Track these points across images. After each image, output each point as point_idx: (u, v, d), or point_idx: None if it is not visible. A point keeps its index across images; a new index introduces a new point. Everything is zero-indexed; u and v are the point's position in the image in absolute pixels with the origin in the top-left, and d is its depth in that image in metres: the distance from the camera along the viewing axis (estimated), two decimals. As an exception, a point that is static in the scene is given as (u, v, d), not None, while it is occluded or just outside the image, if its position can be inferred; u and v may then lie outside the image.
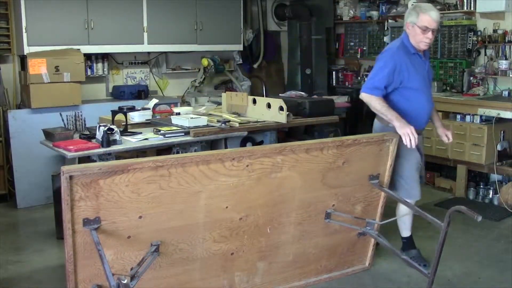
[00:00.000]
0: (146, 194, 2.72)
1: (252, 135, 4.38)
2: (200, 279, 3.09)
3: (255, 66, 7.20)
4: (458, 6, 5.76)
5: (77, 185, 2.54)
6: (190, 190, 2.83)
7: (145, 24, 5.94)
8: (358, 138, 3.33)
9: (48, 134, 3.92)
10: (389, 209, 3.78)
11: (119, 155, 3.76)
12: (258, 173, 3.01)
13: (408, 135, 3.29)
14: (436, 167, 5.85)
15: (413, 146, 3.33)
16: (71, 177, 2.51)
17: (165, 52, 6.49)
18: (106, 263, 2.51)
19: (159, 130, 3.91)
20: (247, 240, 3.14)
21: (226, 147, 4.20)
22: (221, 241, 3.06)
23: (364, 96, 3.49)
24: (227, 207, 2.99)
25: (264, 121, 4.40)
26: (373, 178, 3.46)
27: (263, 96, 5.73)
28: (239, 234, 3.09)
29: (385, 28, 6.64)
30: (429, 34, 3.37)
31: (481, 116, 5.23)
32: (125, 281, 2.39)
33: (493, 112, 5.07)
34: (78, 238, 2.64)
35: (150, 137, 3.84)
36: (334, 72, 7.33)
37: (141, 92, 6.01)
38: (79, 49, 5.43)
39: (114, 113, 4.03)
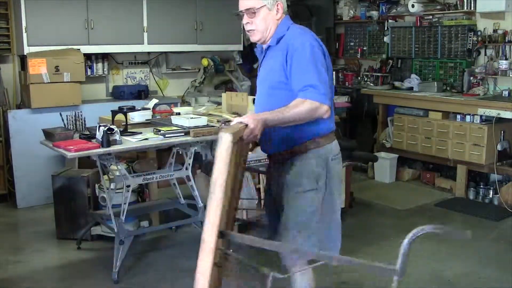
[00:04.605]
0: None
1: (252, 135, 4.37)
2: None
3: (255, 66, 7.19)
4: (458, 6, 5.76)
5: None
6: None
7: (145, 24, 5.94)
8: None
9: (48, 134, 3.92)
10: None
11: (119, 155, 3.76)
12: (258, 173, 3.01)
13: None
14: (436, 167, 5.85)
15: None
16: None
17: (165, 52, 6.49)
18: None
19: (159, 130, 3.91)
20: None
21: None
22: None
23: None
24: (227, 207, 2.99)
25: (264, 121, 4.40)
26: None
27: (263, 96, 5.72)
28: (239, 234, 3.09)
29: (385, 28, 6.63)
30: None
31: (481, 116, 5.23)
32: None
33: (493, 112, 5.07)
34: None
35: (150, 137, 3.83)
36: (334, 72, 7.32)
37: (141, 92, 6.00)
38: (79, 49, 5.42)
39: (114, 113, 4.02)
